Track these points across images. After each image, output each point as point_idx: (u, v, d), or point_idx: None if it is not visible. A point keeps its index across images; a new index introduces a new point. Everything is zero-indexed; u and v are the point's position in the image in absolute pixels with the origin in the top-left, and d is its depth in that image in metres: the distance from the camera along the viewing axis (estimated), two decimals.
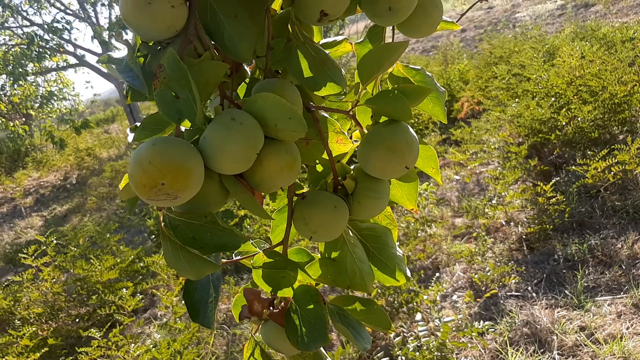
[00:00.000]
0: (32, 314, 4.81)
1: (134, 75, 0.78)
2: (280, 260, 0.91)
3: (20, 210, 10.77)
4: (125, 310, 4.17)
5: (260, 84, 0.89)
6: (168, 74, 0.75)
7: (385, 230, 1.02)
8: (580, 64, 5.33)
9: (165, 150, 0.72)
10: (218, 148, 0.75)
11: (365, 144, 0.90)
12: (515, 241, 4.11)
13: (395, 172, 0.90)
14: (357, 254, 0.97)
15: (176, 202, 0.74)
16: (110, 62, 0.81)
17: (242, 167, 0.78)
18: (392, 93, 0.87)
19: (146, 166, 0.71)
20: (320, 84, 0.91)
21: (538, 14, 13.38)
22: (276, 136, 0.81)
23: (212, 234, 0.80)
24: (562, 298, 3.38)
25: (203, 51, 0.82)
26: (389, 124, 0.90)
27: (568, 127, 4.76)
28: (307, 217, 0.91)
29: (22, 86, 14.32)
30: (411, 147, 0.89)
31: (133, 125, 0.91)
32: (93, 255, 5.15)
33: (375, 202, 0.94)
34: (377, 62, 0.86)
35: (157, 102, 0.76)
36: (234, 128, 0.75)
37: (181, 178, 0.72)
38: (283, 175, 0.83)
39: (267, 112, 0.78)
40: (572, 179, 4.49)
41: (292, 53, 0.91)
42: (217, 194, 0.82)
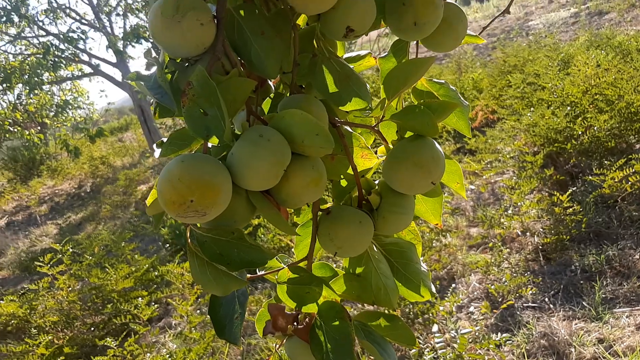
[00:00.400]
0: (47, 323, 4.83)
1: (163, 92, 0.79)
2: (304, 276, 0.91)
3: (35, 218, 10.86)
4: (140, 319, 4.18)
5: (287, 100, 0.89)
6: (197, 91, 0.75)
7: (409, 246, 1.02)
8: (596, 73, 5.30)
9: (194, 167, 0.73)
10: (246, 165, 0.75)
11: (391, 159, 0.90)
12: (532, 251, 4.08)
13: (421, 187, 0.90)
14: (381, 269, 0.97)
15: (204, 218, 0.75)
16: (139, 79, 0.82)
17: (269, 183, 0.78)
18: (418, 108, 0.87)
19: (175, 183, 0.71)
20: (345, 99, 0.91)
21: (551, 22, 13.33)
22: (303, 152, 0.81)
23: (239, 251, 0.80)
24: (579, 309, 3.34)
25: (230, 68, 0.82)
26: (414, 139, 0.90)
27: (584, 137, 4.72)
28: (332, 233, 0.91)
29: (38, 95, 14.47)
30: (437, 162, 0.88)
31: (159, 141, 0.92)
32: (108, 264, 5.18)
33: (401, 217, 0.93)
34: (404, 77, 0.86)
35: (185, 119, 0.77)
36: (261, 145, 0.75)
37: (209, 195, 0.72)
38: (309, 191, 0.83)
39: (294, 129, 0.78)
40: (589, 188, 4.45)
41: (317, 68, 0.92)
42: (243, 210, 0.82)
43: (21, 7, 13.17)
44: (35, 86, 13.42)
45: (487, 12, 17.79)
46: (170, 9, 0.72)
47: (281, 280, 0.93)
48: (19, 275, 7.64)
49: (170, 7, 0.72)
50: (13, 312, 5.06)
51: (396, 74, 0.87)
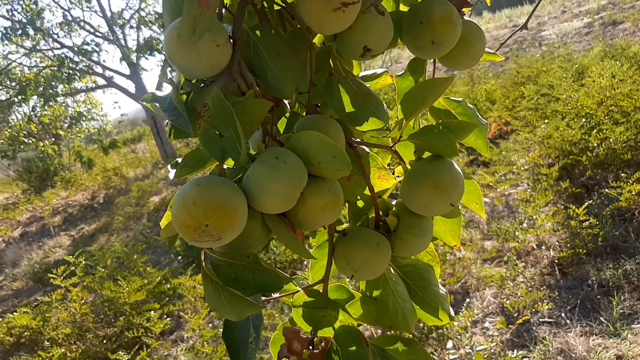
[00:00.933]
0: (60, 335, 4.84)
1: (178, 114, 0.78)
2: (320, 300, 0.89)
3: (49, 229, 10.92)
4: (152, 332, 4.17)
5: (303, 121, 0.88)
6: (213, 113, 0.74)
7: (427, 267, 1.00)
8: (611, 84, 5.25)
9: (209, 190, 0.71)
10: (262, 187, 0.74)
11: (409, 180, 0.88)
12: (547, 265, 4.02)
13: (440, 209, 0.88)
14: (399, 292, 0.95)
15: (219, 243, 0.73)
16: (154, 100, 0.81)
17: (285, 206, 0.77)
18: (437, 128, 0.86)
19: (190, 207, 0.70)
20: (362, 119, 0.89)
21: (564, 32, 13.26)
22: (319, 174, 0.79)
23: (254, 275, 0.78)
24: (597, 325, 3.28)
25: (246, 89, 0.81)
26: (433, 160, 0.88)
27: (599, 149, 4.67)
28: (349, 256, 0.89)
29: (52, 107, 14.60)
30: (457, 184, 0.87)
31: (174, 161, 0.91)
32: (120, 276, 5.19)
33: (419, 239, 0.92)
34: (422, 97, 0.84)
35: (201, 141, 0.75)
36: (278, 167, 0.74)
37: (225, 219, 0.71)
38: (326, 213, 0.81)
39: (311, 151, 0.77)
40: (605, 201, 4.39)
41: (333, 88, 0.90)
42: (259, 233, 0.80)
43: (36, 20, 13.34)
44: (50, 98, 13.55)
45: (500, 22, 17.74)
46: (186, 31, 0.71)
47: (297, 304, 0.91)
48: (32, 286, 7.67)
49: (186, 29, 0.71)
50: (26, 324, 5.08)
51: (414, 94, 0.85)
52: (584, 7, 14.98)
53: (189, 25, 0.70)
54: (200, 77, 0.80)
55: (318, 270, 0.99)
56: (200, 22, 0.71)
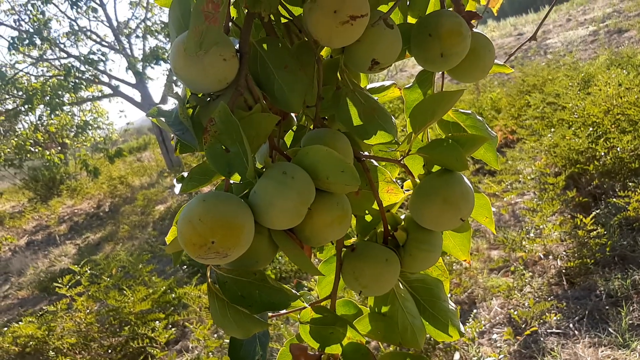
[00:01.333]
0: (65, 344, 4.82)
1: (184, 128, 0.77)
2: (328, 316, 0.88)
3: (54, 237, 10.94)
4: (157, 343, 4.15)
5: (310, 135, 0.87)
6: (219, 127, 0.73)
7: (436, 282, 0.98)
8: (617, 92, 5.23)
9: (216, 207, 0.70)
10: (269, 203, 0.73)
11: (419, 195, 0.87)
12: (555, 275, 3.99)
13: (450, 224, 0.86)
14: (408, 308, 0.93)
15: (225, 260, 0.72)
16: (160, 115, 0.80)
17: (293, 222, 0.75)
18: (446, 142, 0.84)
19: (196, 224, 0.69)
20: (370, 132, 0.88)
21: (569, 41, 13.24)
22: (327, 189, 0.78)
23: (261, 292, 0.77)
24: (605, 336, 3.25)
25: (253, 103, 0.80)
26: (442, 174, 0.87)
27: (607, 158, 4.64)
28: (357, 271, 0.87)
29: (59, 116, 14.68)
30: (467, 198, 0.85)
31: (180, 175, 0.90)
32: (125, 285, 5.17)
33: (428, 255, 0.90)
34: (431, 111, 0.83)
35: (207, 156, 0.74)
36: (286, 183, 0.73)
37: (232, 236, 0.70)
38: (333, 229, 0.80)
39: (318, 165, 0.76)
40: (612, 210, 4.36)
41: (341, 101, 0.89)
42: (266, 249, 0.79)
43: (43, 30, 13.43)
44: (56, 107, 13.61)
45: (504, 30, 17.75)
46: (193, 45, 0.70)
47: (304, 320, 0.89)
48: (38, 295, 7.67)
49: (193, 43, 0.70)
50: (32, 334, 5.07)
51: (423, 106, 0.84)
52: (589, 15, 14.97)
53: (196, 40, 0.69)
54: (207, 91, 0.79)
55: (325, 285, 0.97)
56: (206, 36, 0.70)
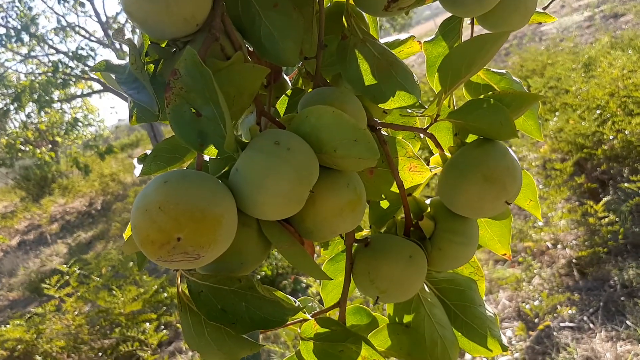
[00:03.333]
0: (54, 348, 4.63)
1: (140, 86, 0.57)
2: (337, 331, 0.68)
3: (46, 237, 10.72)
4: (148, 346, 3.96)
5: (311, 95, 0.66)
6: (186, 82, 0.53)
7: (469, 283, 0.79)
8: (622, 74, 5.05)
9: (182, 190, 0.50)
10: (257, 185, 0.53)
11: (451, 172, 0.67)
12: (564, 265, 3.80)
13: (493, 208, 0.67)
14: (437, 316, 0.73)
15: (198, 263, 0.52)
16: (109, 70, 0.60)
17: (290, 210, 0.56)
18: (487, 103, 0.65)
19: (155, 215, 0.49)
20: (387, 93, 0.68)
21: (565, 27, 13.04)
22: (335, 165, 0.58)
23: (249, 305, 0.57)
24: (623, 329, 3.07)
25: (233, 52, 0.60)
26: (481, 144, 0.67)
27: (614, 141, 4.46)
28: (373, 272, 0.68)
29: (49, 113, 14.45)
30: (514, 175, 0.66)
31: (142, 154, 0.70)
32: (116, 285, 4.98)
33: (463, 248, 0.70)
34: (467, 60, 0.63)
35: (171, 122, 0.54)
36: (279, 156, 0.53)
37: (205, 230, 0.50)
38: (344, 218, 0.60)
39: (323, 133, 0.56)
40: (622, 196, 4.17)
41: (348, 54, 0.69)
42: (254, 247, 0.59)
43: (31, 26, 13.18)
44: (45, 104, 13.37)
45: None
46: None
47: (306, 335, 0.70)
48: (28, 296, 7.47)
49: None
50: (20, 337, 4.87)
51: (456, 56, 0.64)
52: (584, 1, 14.75)
53: None
54: (170, 36, 0.59)
55: (332, 290, 0.78)
56: None
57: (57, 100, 14.49)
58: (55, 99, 14.33)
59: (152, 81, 0.62)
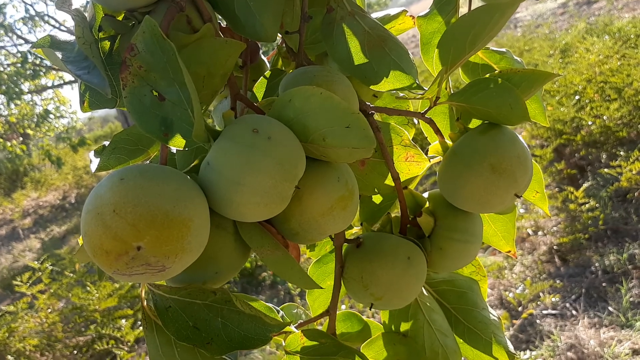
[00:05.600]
0: (27, 346, 4.50)
1: (90, 65, 0.48)
2: (327, 344, 0.60)
3: (18, 232, 10.46)
4: (124, 343, 3.85)
5: (294, 75, 0.58)
6: (145, 59, 0.44)
7: (470, 284, 0.71)
8: (599, 60, 5.04)
9: (141, 189, 0.42)
10: (233, 182, 0.44)
11: (454, 162, 0.59)
12: (546, 252, 3.79)
13: (502, 202, 0.59)
14: (436, 322, 0.66)
15: (164, 275, 0.44)
16: (54, 46, 0.50)
17: (272, 210, 0.47)
18: (494, 82, 0.57)
19: (109, 219, 0.40)
20: (380, 73, 0.60)
21: (539, 13, 13.09)
22: (323, 156, 0.50)
23: (225, 321, 0.49)
24: (606, 316, 3.05)
25: (201, 24, 0.51)
26: (487, 130, 0.59)
27: (592, 127, 4.45)
28: (367, 276, 0.60)
29: (19, 105, 14.11)
30: (525, 164, 0.58)
31: (100, 146, 0.61)
32: (90, 281, 4.84)
33: (465, 247, 0.63)
34: (473, 33, 0.55)
35: (128, 107, 0.46)
36: (258, 147, 0.44)
37: (170, 237, 0.41)
38: (334, 218, 0.52)
39: (310, 119, 0.48)
40: (601, 182, 4.17)
41: (335, 29, 0.61)
42: (230, 253, 0.51)
43: None
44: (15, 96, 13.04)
45: None
46: None
47: (291, 349, 0.62)
48: (1, 294, 7.27)
49: None
50: None
51: (460, 29, 0.56)
52: None
53: None
54: (127, 6, 0.50)
55: (319, 295, 0.70)
56: None
57: (27, 91, 14.16)
58: (25, 91, 14.00)
59: (107, 61, 0.53)
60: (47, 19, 14.17)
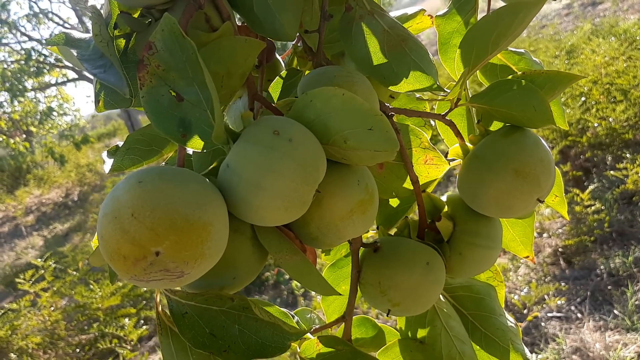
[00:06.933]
0: (30, 344, 4.49)
1: (107, 64, 0.46)
2: (344, 351, 0.59)
3: (21, 229, 10.47)
4: (127, 342, 3.84)
5: (312, 75, 0.56)
6: (164, 58, 0.43)
7: (487, 290, 0.70)
8: (605, 61, 5.02)
9: (160, 192, 0.40)
10: (254, 185, 0.43)
11: (475, 166, 0.58)
12: (550, 254, 3.77)
13: (524, 207, 0.58)
14: (454, 329, 0.64)
15: (182, 281, 0.42)
16: (69, 44, 0.49)
17: (292, 214, 0.46)
18: (517, 84, 0.55)
19: (127, 223, 0.39)
20: (400, 74, 0.58)
21: (544, 14, 13.06)
22: (344, 159, 0.49)
23: (243, 328, 0.47)
24: (612, 319, 3.03)
25: (220, 23, 0.50)
26: (509, 133, 0.58)
27: (598, 128, 4.43)
28: (385, 282, 0.58)
29: (22, 102, 14.13)
30: (549, 168, 0.57)
31: (113, 147, 0.60)
32: (93, 279, 4.84)
33: (486, 252, 0.61)
34: (497, 33, 0.54)
35: (145, 108, 0.44)
36: (279, 149, 0.43)
37: (190, 242, 0.40)
38: (354, 222, 0.51)
39: (331, 121, 0.46)
40: (606, 184, 4.15)
41: (354, 28, 0.59)
42: (248, 258, 0.49)
43: (2, 12, 12.82)
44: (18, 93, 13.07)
45: None
46: None
47: (307, 356, 0.60)
48: (3, 291, 7.27)
49: None
50: None
51: (483, 28, 0.54)
52: None
53: None
54: (145, 3, 0.49)
55: (334, 300, 0.68)
56: None
57: (30, 89, 14.18)
58: (29, 88, 14.03)
59: (123, 59, 0.52)
60: (51, 16, 14.19)
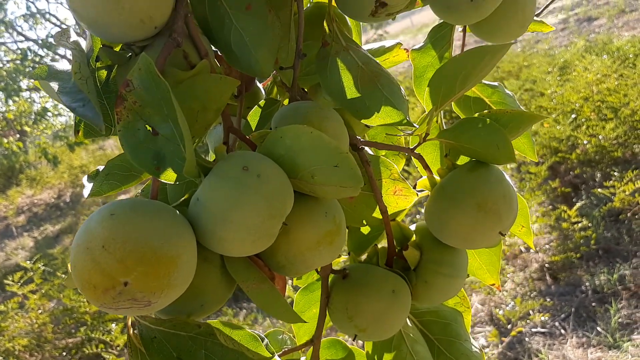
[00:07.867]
0: (17, 346, 4.49)
1: (84, 99, 0.49)
2: None
3: (11, 229, 10.43)
4: (113, 347, 3.84)
5: (286, 110, 0.59)
6: (140, 96, 0.45)
7: (454, 315, 0.72)
8: (597, 79, 5.08)
9: (131, 225, 0.42)
10: (221, 219, 0.45)
11: (441, 199, 0.61)
12: (537, 270, 3.80)
13: (486, 240, 0.60)
14: (420, 354, 0.67)
15: (149, 309, 0.44)
16: (51, 77, 0.51)
17: (258, 246, 0.48)
18: (482, 122, 0.58)
19: (98, 254, 0.41)
20: (371, 109, 0.61)
21: None
22: (312, 192, 0.51)
23: (209, 353, 0.50)
24: (594, 336, 3.06)
25: (198, 60, 0.52)
26: (474, 168, 0.60)
27: (588, 146, 4.48)
28: (352, 308, 0.61)
29: (17, 102, 14.10)
30: (510, 204, 0.59)
31: (93, 171, 0.62)
32: None
33: (450, 281, 0.64)
34: (464, 74, 0.56)
35: (121, 141, 0.46)
36: (247, 185, 0.45)
37: (158, 274, 0.42)
38: (320, 252, 0.53)
39: (299, 157, 0.49)
40: (594, 201, 4.19)
41: (329, 63, 0.62)
42: (216, 286, 0.52)
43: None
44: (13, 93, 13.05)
45: None
46: None
47: None
48: None
49: None
50: None
51: (451, 69, 0.57)
52: (558, 4, 14.89)
53: None
54: (124, 39, 0.51)
55: (304, 324, 0.70)
56: None
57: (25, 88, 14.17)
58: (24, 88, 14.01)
59: (104, 89, 0.54)
60: (48, 16, 14.20)
